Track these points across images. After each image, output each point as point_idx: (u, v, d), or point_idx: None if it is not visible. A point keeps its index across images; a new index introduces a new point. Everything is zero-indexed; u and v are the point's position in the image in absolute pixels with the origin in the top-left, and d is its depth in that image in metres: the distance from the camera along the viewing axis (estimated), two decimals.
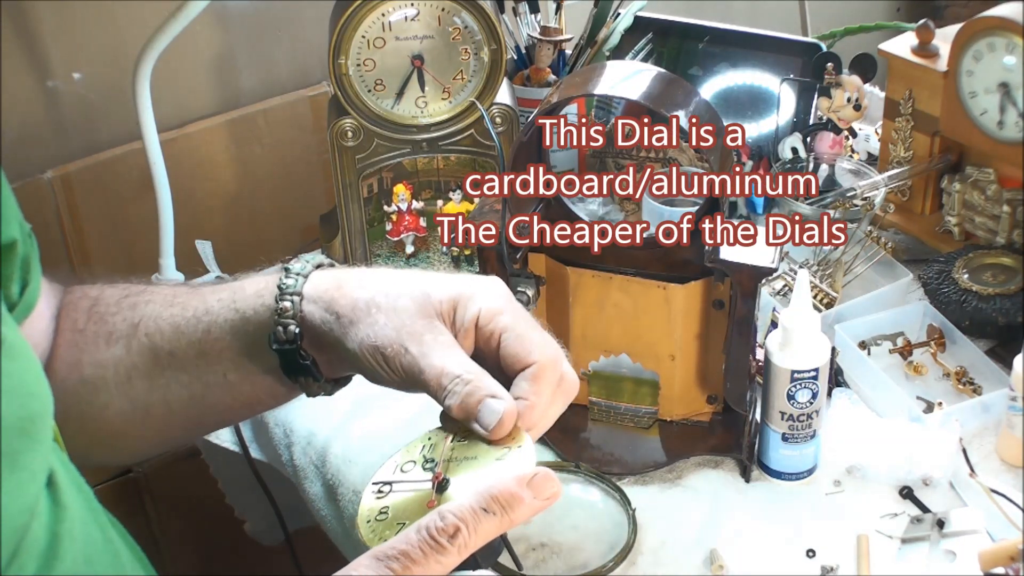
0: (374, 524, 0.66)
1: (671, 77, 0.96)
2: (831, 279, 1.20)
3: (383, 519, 0.66)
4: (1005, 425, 1.02)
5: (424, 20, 1.20)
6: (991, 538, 0.94)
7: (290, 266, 0.78)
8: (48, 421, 0.63)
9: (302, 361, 0.75)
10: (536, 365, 0.69)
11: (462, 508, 0.61)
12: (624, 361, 1.06)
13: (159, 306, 0.81)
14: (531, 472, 0.63)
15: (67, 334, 0.81)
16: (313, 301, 0.75)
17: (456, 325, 0.71)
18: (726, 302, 0.99)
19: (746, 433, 1.02)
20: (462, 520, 0.60)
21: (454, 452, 0.69)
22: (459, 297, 0.72)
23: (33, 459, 0.59)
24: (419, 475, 0.69)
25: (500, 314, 0.71)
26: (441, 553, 0.59)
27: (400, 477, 0.69)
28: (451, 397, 0.67)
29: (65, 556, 0.61)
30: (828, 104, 1.31)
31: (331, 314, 0.74)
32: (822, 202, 1.25)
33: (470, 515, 0.60)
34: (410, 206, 1.32)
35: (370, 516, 0.67)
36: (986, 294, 1.15)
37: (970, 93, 1.19)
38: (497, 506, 0.61)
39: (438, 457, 0.69)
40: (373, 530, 0.66)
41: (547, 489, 0.63)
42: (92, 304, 0.83)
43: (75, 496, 0.65)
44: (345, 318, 0.73)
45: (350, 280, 0.76)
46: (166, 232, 1.33)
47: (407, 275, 0.76)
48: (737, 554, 0.96)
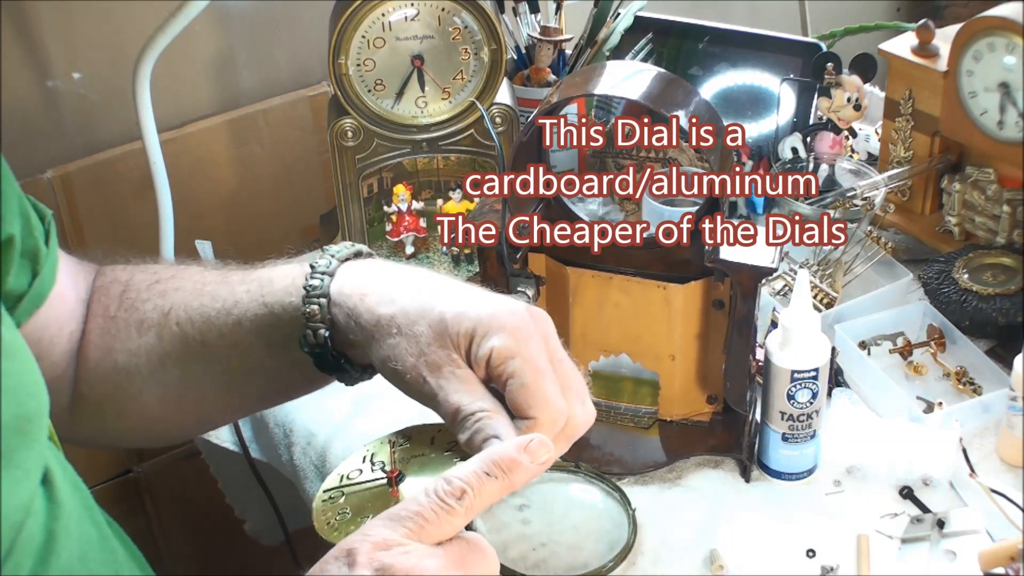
0: (336, 524, 0.68)
1: (671, 77, 0.96)
2: (831, 279, 1.20)
3: (343, 517, 0.68)
4: (1005, 425, 1.02)
5: (424, 20, 1.20)
6: (991, 538, 0.94)
7: (316, 263, 0.77)
8: (44, 420, 0.63)
9: (334, 360, 0.76)
10: (533, 421, 0.69)
11: (466, 471, 0.63)
12: (624, 361, 1.06)
13: (188, 294, 0.81)
14: (528, 438, 0.65)
15: (99, 320, 0.82)
16: (338, 305, 0.75)
17: (470, 358, 0.71)
18: (726, 302, 0.99)
19: (746, 433, 1.02)
20: (467, 483, 0.62)
21: (397, 455, 0.72)
22: (474, 333, 0.71)
23: (28, 457, 0.60)
24: (368, 476, 0.71)
25: (511, 358, 0.69)
26: (450, 513, 0.61)
27: (348, 483, 0.71)
28: (463, 433, 0.69)
29: (61, 554, 0.62)
30: (828, 104, 1.31)
31: (355, 323, 0.74)
32: (822, 202, 1.25)
33: (474, 478, 0.62)
34: (410, 207, 1.32)
35: (329, 519, 0.68)
36: (986, 294, 1.15)
37: (970, 93, 1.19)
38: (499, 470, 0.63)
39: (387, 459, 0.72)
40: (336, 529, 0.67)
41: (542, 453, 0.65)
42: (123, 290, 0.83)
43: (71, 494, 0.65)
44: (367, 332, 0.73)
45: (374, 290, 0.75)
46: (166, 232, 1.33)
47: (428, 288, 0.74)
48: (737, 554, 0.96)
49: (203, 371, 0.81)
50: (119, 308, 0.82)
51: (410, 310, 0.72)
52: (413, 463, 0.71)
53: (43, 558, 0.60)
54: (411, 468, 0.70)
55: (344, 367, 0.77)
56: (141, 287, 0.83)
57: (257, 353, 0.79)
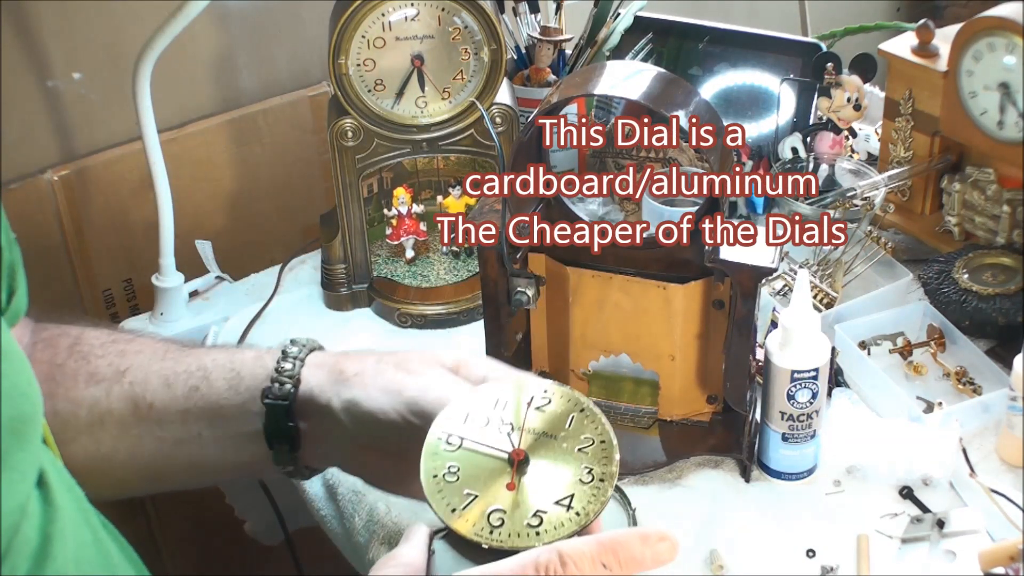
0: (441, 483, 0.65)
1: (671, 77, 0.96)
2: (831, 279, 1.20)
3: (452, 482, 0.65)
4: (1005, 425, 1.02)
5: (424, 20, 1.20)
6: (991, 538, 0.94)
7: (287, 348, 0.80)
8: (38, 421, 0.63)
9: (288, 423, 0.77)
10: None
11: (582, 556, 0.59)
12: (624, 361, 1.06)
13: (149, 357, 0.82)
14: (656, 533, 0.62)
15: (43, 366, 0.82)
16: (316, 366, 0.78)
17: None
18: (726, 302, 0.99)
19: (746, 433, 1.02)
20: (579, 570, 0.59)
21: (528, 422, 0.68)
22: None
23: (23, 459, 0.60)
24: (493, 436, 0.67)
25: None
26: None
27: (471, 432, 0.68)
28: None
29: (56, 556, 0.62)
30: (828, 104, 1.31)
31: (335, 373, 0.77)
32: (822, 202, 1.25)
33: (589, 567, 0.59)
34: (410, 210, 1.32)
35: (437, 470, 0.66)
36: (986, 294, 1.15)
37: (970, 93, 1.19)
38: (616, 563, 0.60)
39: (517, 422, 0.68)
40: (440, 490, 0.65)
41: (666, 556, 0.62)
42: (73, 342, 0.84)
43: (66, 496, 0.65)
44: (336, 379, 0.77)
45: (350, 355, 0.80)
46: (166, 232, 1.33)
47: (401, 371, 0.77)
48: (737, 554, 0.96)
49: (141, 434, 0.80)
50: (68, 357, 0.82)
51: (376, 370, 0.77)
52: (542, 445, 0.67)
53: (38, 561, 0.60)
54: (539, 450, 0.67)
55: (291, 435, 0.78)
56: (95, 342, 0.84)
57: (203, 422, 0.80)
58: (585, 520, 0.63)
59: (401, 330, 1.29)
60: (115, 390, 0.80)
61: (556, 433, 0.68)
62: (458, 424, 0.68)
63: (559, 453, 0.67)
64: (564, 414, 0.69)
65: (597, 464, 0.66)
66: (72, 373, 0.81)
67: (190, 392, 0.80)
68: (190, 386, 0.80)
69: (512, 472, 0.65)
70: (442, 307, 1.28)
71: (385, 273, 1.34)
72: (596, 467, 0.66)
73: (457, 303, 1.28)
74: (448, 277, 1.32)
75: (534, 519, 0.63)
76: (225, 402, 0.79)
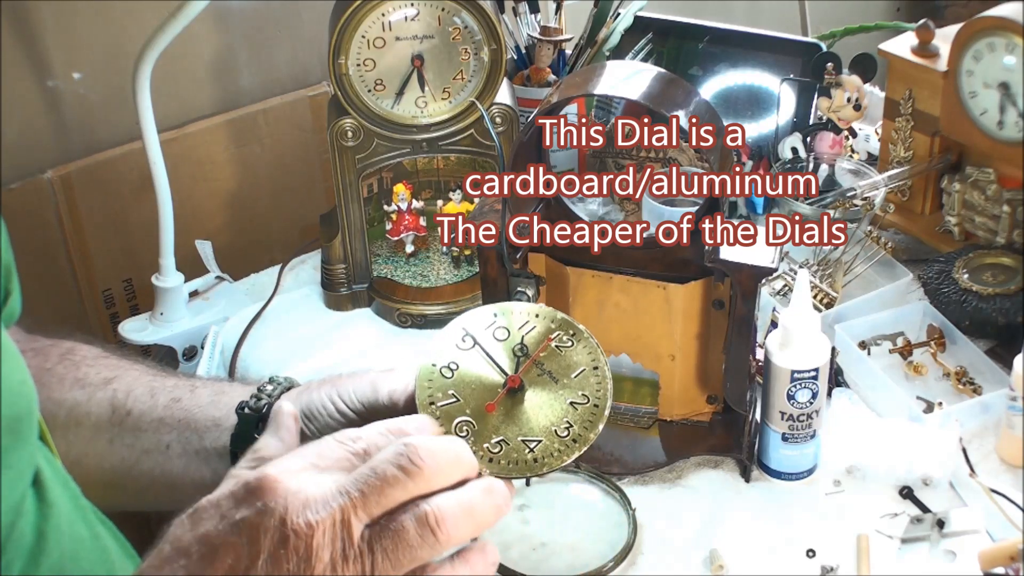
0: (435, 373, 0.67)
1: (671, 77, 0.96)
2: (831, 279, 1.20)
3: (448, 377, 0.67)
4: (1005, 425, 1.02)
5: (424, 20, 1.20)
6: (991, 538, 0.94)
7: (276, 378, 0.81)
8: (34, 420, 0.63)
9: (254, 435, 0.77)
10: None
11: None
12: (624, 361, 1.06)
13: (140, 372, 0.84)
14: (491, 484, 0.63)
15: (32, 371, 0.81)
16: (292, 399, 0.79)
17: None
18: (726, 302, 0.99)
19: (746, 433, 1.02)
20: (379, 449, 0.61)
21: (546, 356, 0.69)
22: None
23: (19, 457, 0.60)
24: (503, 354, 0.69)
25: None
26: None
27: (487, 338, 0.69)
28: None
29: (52, 553, 0.62)
30: (828, 104, 1.31)
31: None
32: (822, 202, 1.25)
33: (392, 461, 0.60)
34: (410, 205, 1.32)
35: (439, 359, 0.68)
36: (986, 294, 1.15)
37: (970, 93, 1.19)
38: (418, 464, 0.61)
39: (533, 351, 0.69)
40: (430, 379, 0.67)
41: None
42: (65, 352, 0.85)
43: (61, 494, 0.65)
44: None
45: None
46: (166, 232, 1.33)
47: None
48: (737, 554, 0.96)
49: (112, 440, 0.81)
50: (58, 364, 0.83)
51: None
52: (545, 382, 0.68)
53: (33, 557, 0.61)
54: (539, 385, 0.68)
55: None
56: (87, 355, 0.85)
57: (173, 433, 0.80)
58: (538, 470, 0.64)
59: (401, 330, 1.29)
60: (98, 395, 0.81)
61: (560, 378, 0.69)
62: (481, 327, 0.70)
63: (550, 398, 0.68)
64: (576, 365, 0.70)
65: (578, 425, 0.67)
66: (60, 377, 0.82)
67: (171, 403, 0.81)
68: (173, 397, 0.81)
69: (501, 394, 0.67)
70: (442, 307, 1.29)
71: (385, 273, 1.34)
72: (576, 427, 0.67)
73: (457, 303, 1.28)
74: (448, 277, 1.32)
75: (495, 445, 0.65)
76: (200, 413, 0.80)
